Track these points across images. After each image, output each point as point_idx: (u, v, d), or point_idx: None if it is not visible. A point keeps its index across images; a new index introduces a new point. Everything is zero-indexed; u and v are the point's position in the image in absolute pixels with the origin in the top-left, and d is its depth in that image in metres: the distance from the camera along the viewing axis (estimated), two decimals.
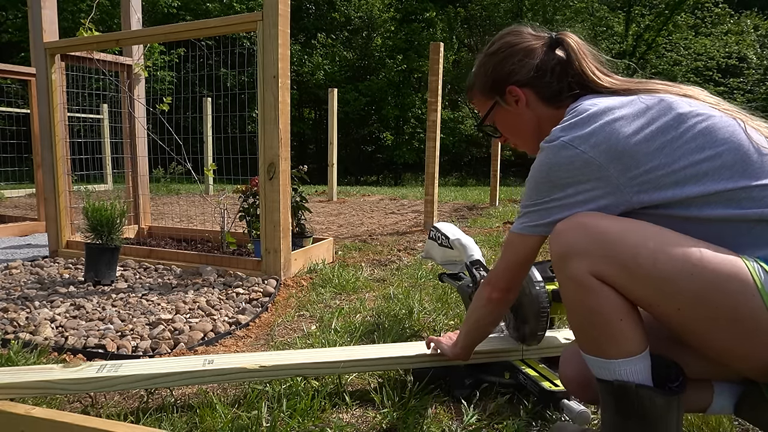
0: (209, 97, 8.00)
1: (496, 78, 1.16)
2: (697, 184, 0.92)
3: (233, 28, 2.73)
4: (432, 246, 2.13)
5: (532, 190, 1.04)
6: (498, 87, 1.16)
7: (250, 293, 2.46)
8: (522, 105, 1.15)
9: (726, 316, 0.86)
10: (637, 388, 0.93)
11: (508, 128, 1.22)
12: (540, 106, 1.14)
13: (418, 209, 6.50)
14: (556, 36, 1.14)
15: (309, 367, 1.44)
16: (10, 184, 7.39)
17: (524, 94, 1.14)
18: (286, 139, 2.67)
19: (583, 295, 0.94)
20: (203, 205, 6.08)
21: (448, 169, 20.28)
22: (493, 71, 1.17)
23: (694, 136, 0.93)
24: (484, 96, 1.21)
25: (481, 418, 1.34)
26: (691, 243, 0.89)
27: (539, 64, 1.12)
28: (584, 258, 0.92)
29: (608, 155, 0.94)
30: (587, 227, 0.94)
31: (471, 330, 1.29)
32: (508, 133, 1.24)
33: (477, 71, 1.21)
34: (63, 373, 1.33)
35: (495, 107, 1.20)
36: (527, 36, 1.15)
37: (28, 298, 2.37)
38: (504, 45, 1.16)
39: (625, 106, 0.98)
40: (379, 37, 20.57)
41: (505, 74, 1.15)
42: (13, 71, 4.51)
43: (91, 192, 3.13)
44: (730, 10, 19.58)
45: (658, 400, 0.93)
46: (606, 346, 0.94)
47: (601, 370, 0.97)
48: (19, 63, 6.67)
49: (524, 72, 1.13)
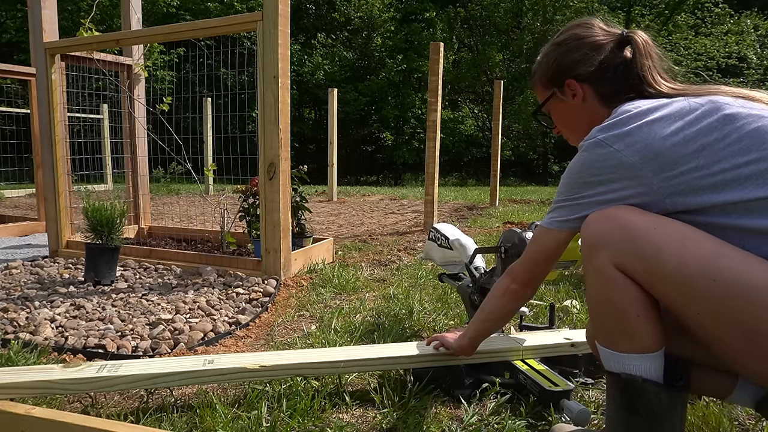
0: (209, 97, 8.00)
1: (558, 69, 1.15)
2: (737, 189, 0.87)
3: (233, 28, 2.73)
4: (432, 247, 2.14)
5: (564, 186, 1.04)
6: (558, 78, 1.15)
7: (250, 293, 2.46)
8: (578, 99, 1.13)
9: (746, 329, 0.82)
10: (644, 382, 0.93)
11: (562, 120, 1.21)
12: (595, 104, 1.12)
13: (418, 209, 6.50)
14: (626, 34, 1.11)
15: (309, 367, 1.44)
16: (10, 184, 7.39)
17: (582, 89, 1.12)
18: (286, 139, 2.67)
19: (604, 286, 0.94)
20: (203, 205, 6.08)
21: (448, 169, 20.29)
22: (556, 62, 1.15)
23: (739, 137, 0.88)
24: (543, 85, 1.20)
25: (481, 418, 1.34)
26: (719, 246, 0.86)
27: (603, 61, 1.10)
28: (609, 249, 0.92)
29: (643, 155, 0.92)
30: (616, 219, 0.93)
31: (483, 320, 1.28)
32: (561, 126, 1.23)
33: (541, 60, 1.20)
34: (63, 373, 1.33)
35: (552, 98, 1.19)
36: (597, 30, 1.13)
37: (28, 298, 2.37)
38: (571, 37, 1.14)
39: (668, 106, 0.95)
40: (379, 37, 20.57)
41: (566, 67, 1.13)
42: (13, 71, 4.51)
43: (91, 192, 3.13)
44: (730, 10, 19.58)
45: (663, 397, 0.93)
46: (619, 339, 0.94)
47: (610, 362, 0.97)
48: (19, 63, 6.67)
49: (586, 67, 1.11)
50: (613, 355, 0.96)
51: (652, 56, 1.09)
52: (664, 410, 0.93)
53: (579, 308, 2.20)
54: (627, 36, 1.10)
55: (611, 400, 1.00)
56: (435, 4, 21.36)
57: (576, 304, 2.23)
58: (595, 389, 1.50)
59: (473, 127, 21.43)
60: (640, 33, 1.10)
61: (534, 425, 1.32)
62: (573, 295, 2.44)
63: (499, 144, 7.01)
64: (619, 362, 0.95)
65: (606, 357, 0.98)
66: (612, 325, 0.95)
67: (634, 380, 0.93)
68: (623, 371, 0.95)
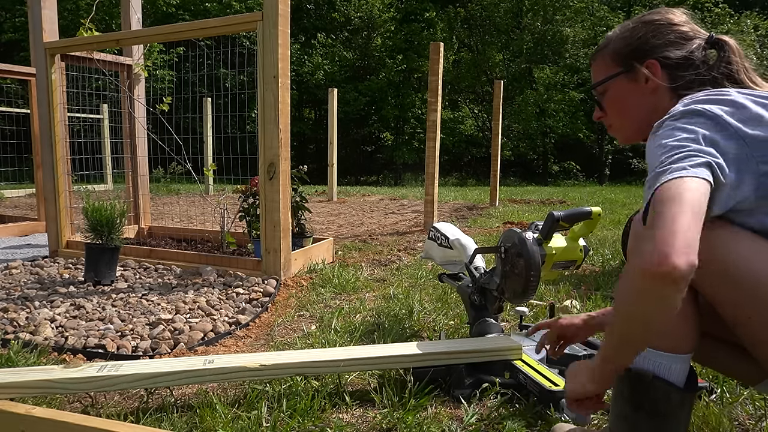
0: (209, 97, 8.00)
1: (641, 46, 1.07)
2: None
3: (233, 28, 2.73)
4: (432, 246, 2.14)
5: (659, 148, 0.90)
6: (637, 56, 1.07)
7: (250, 293, 2.46)
8: (651, 85, 1.06)
9: None
10: (654, 379, 0.92)
11: (619, 103, 1.13)
12: (666, 95, 1.06)
13: (418, 209, 6.50)
14: (715, 37, 1.07)
15: (309, 366, 1.44)
16: (10, 184, 7.39)
17: (662, 74, 1.06)
18: (286, 139, 2.67)
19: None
20: (203, 205, 6.08)
21: (448, 169, 20.29)
22: (642, 38, 1.07)
23: None
24: (614, 60, 1.11)
25: (481, 418, 1.34)
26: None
27: (692, 52, 1.05)
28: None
29: (732, 116, 0.88)
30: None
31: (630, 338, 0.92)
32: (615, 109, 1.14)
33: (622, 33, 1.12)
34: (63, 372, 1.33)
35: (618, 76, 1.11)
36: (690, 24, 1.09)
37: (28, 298, 2.37)
38: (665, 19, 1.08)
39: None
40: (379, 37, 20.58)
41: (652, 46, 1.06)
42: (13, 71, 4.51)
43: (91, 192, 3.13)
44: (730, 10, 19.58)
45: (673, 396, 0.92)
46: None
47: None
48: (19, 63, 6.67)
49: (676, 52, 1.05)
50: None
51: (746, 61, 1.06)
52: (672, 409, 0.93)
53: (579, 308, 2.21)
54: (718, 38, 1.07)
55: (618, 394, 0.99)
56: (435, 4, 21.37)
57: (576, 304, 2.23)
58: None
59: (473, 127, 21.43)
60: (728, 38, 1.07)
61: (534, 425, 1.32)
62: (573, 295, 2.44)
63: (499, 144, 7.01)
64: (647, 358, 0.92)
65: None
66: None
67: (643, 375, 0.92)
68: (641, 367, 0.92)
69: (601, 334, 1.71)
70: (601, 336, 1.84)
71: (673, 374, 0.92)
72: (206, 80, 4.47)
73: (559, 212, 1.58)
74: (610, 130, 1.18)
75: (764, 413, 1.35)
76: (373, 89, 19.74)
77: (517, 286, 1.56)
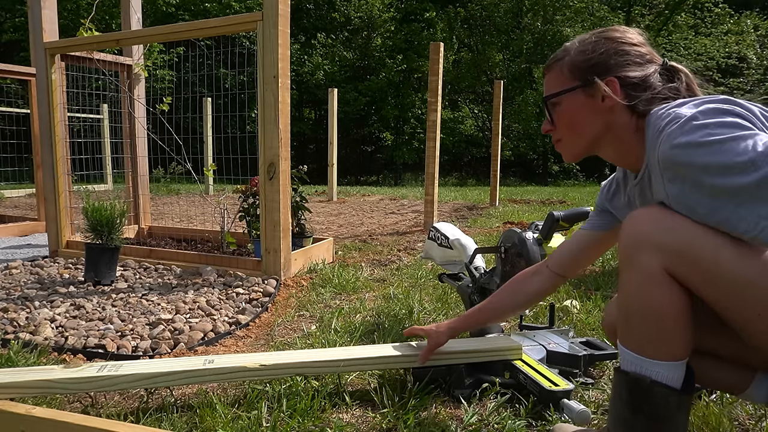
0: (209, 97, 8.00)
1: (602, 62, 1.04)
2: None
3: (233, 28, 2.73)
4: (432, 246, 2.14)
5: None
6: (596, 71, 1.04)
7: (250, 293, 2.46)
8: (608, 102, 1.04)
9: None
10: (652, 384, 0.92)
11: (572, 118, 1.09)
12: (623, 113, 1.04)
13: (418, 209, 6.50)
14: (669, 63, 1.06)
15: (309, 366, 1.43)
16: (10, 184, 7.39)
17: (620, 93, 1.04)
18: (286, 139, 2.67)
19: (647, 288, 0.91)
20: (203, 205, 6.08)
21: (448, 169, 20.29)
22: (604, 54, 1.04)
23: None
24: (572, 73, 1.08)
25: (481, 418, 1.34)
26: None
27: (648, 76, 1.03)
28: (659, 251, 0.89)
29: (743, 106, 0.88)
30: (665, 219, 0.91)
31: None
32: (567, 123, 1.10)
33: (582, 47, 1.08)
34: (63, 372, 1.33)
35: (574, 91, 1.07)
36: (647, 46, 1.07)
37: (28, 298, 2.37)
38: (627, 39, 1.06)
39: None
40: (379, 37, 20.57)
41: (615, 64, 1.04)
42: (13, 71, 4.51)
43: (91, 192, 3.13)
44: (730, 10, 19.59)
45: (671, 399, 0.92)
46: (649, 344, 0.93)
47: (631, 365, 0.95)
48: (19, 63, 6.67)
49: (633, 73, 1.03)
50: (639, 360, 0.94)
51: (696, 80, 1.06)
52: (670, 413, 0.93)
53: (579, 308, 2.21)
54: (672, 65, 1.06)
55: (617, 397, 0.99)
56: (435, 4, 21.36)
57: (576, 304, 2.23)
58: (595, 389, 1.50)
59: (473, 127, 21.43)
60: (683, 66, 1.07)
61: (534, 425, 1.32)
62: (573, 295, 2.44)
63: (499, 144, 7.01)
64: (643, 367, 0.93)
65: (629, 359, 0.96)
66: (646, 329, 0.93)
67: (642, 380, 0.93)
68: (642, 373, 0.93)
69: (601, 334, 1.71)
70: (601, 336, 1.84)
71: (671, 380, 0.93)
72: (206, 80, 4.48)
73: (559, 212, 1.58)
74: (557, 145, 1.15)
75: (764, 413, 1.35)
76: (373, 89, 19.73)
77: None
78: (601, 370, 1.64)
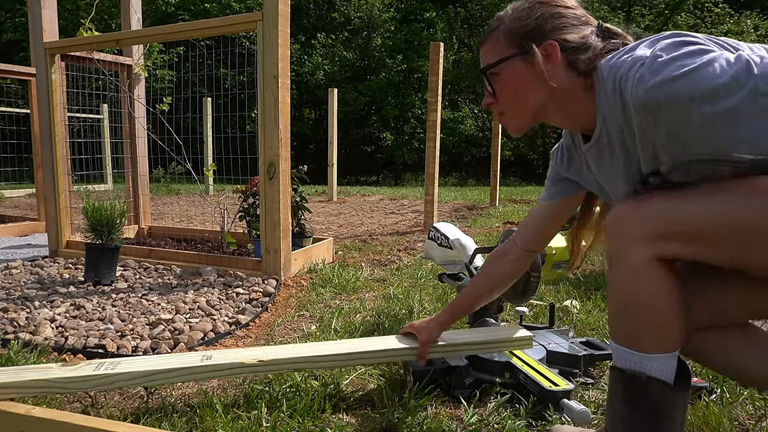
0: (209, 97, 8.00)
1: (539, 27, 1.01)
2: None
3: (233, 28, 2.73)
4: (432, 246, 2.14)
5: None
6: (534, 37, 1.01)
7: (250, 293, 2.46)
8: (548, 68, 1.01)
9: None
10: (648, 380, 0.91)
11: (513, 87, 1.06)
12: (564, 77, 1.01)
13: (418, 209, 6.50)
14: (604, 26, 1.05)
15: (308, 361, 1.41)
16: (10, 184, 7.39)
17: (560, 57, 1.01)
18: (286, 139, 2.67)
19: (637, 282, 0.90)
20: (203, 205, 6.08)
21: (448, 169, 20.28)
22: (540, 19, 1.02)
23: None
24: (508, 41, 1.05)
25: (481, 418, 1.34)
26: (748, 178, 0.83)
27: (586, 38, 1.01)
28: (645, 243, 0.89)
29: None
30: (644, 207, 0.90)
31: None
32: (508, 94, 1.07)
33: (516, 13, 1.05)
34: (61, 371, 1.32)
35: (513, 58, 1.04)
36: (581, 9, 1.05)
37: (28, 298, 2.37)
38: (561, 2, 1.04)
39: None
40: (379, 37, 20.56)
41: (552, 27, 1.01)
42: (13, 71, 4.51)
43: (91, 192, 3.13)
44: (730, 10, 19.58)
45: (667, 395, 0.92)
46: (644, 338, 0.92)
47: (626, 362, 0.94)
48: (19, 63, 6.67)
49: (571, 36, 1.00)
50: (633, 355, 0.93)
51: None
52: (668, 409, 0.93)
53: (579, 308, 2.21)
54: (607, 27, 1.05)
55: (613, 395, 0.99)
56: (435, 4, 21.35)
57: (576, 304, 2.23)
58: (595, 389, 1.50)
59: (473, 127, 21.42)
60: (619, 29, 1.05)
61: (534, 425, 1.32)
62: (573, 295, 2.44)
63: (499, 144, 7.01)
64: (637, 363, 0.92)
65: (622, 356, 0.95)
66: (638, 323, 0.91)
67: (638, 377, 0.92)
68: (636, 370, 0.92)
69: (601, 334, 1.71)
70: (601, 336, 1.83)
71: (666, 373, 0.92)
72: (206, 80, 4.47)
73: None
74: (500, 119, 1.11)
75: (764, 413, 1.35)
76: (373, 89, 19.72)
77: (517, 285, 1.57)
78: (601, 370, 1.64)
